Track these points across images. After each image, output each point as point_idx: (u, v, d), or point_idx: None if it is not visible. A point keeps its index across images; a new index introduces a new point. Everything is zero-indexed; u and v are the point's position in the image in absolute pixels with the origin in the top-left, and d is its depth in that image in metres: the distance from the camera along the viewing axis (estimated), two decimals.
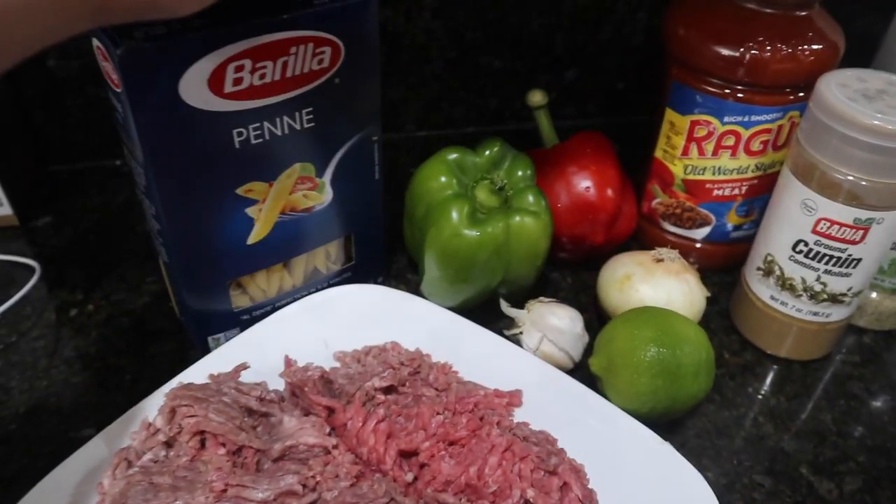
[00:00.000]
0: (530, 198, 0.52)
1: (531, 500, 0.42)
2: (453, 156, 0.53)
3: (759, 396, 0.53)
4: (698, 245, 0.61)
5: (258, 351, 0.50)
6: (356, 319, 0.53)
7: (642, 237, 0.63)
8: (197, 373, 0.48)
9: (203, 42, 0.40)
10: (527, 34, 0.73)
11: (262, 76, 0.43)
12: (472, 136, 0.53)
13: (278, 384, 0.48)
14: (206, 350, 0.52)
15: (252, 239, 0.49)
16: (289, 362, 0.49)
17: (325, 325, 0.52)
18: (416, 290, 0.56)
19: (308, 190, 0.50)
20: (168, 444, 0.44)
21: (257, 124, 0.45)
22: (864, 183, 0.46)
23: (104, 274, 0.61)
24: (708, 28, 0.53)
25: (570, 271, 0.62)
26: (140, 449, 0.44)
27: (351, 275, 0.57)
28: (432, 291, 0.54)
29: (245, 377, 0.48)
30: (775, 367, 0.56)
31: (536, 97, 0.61)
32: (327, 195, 0.51)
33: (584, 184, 0.57)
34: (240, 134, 0.45)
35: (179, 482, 0.42)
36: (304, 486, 0.42)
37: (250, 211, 0.48)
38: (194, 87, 0.41)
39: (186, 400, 0.44)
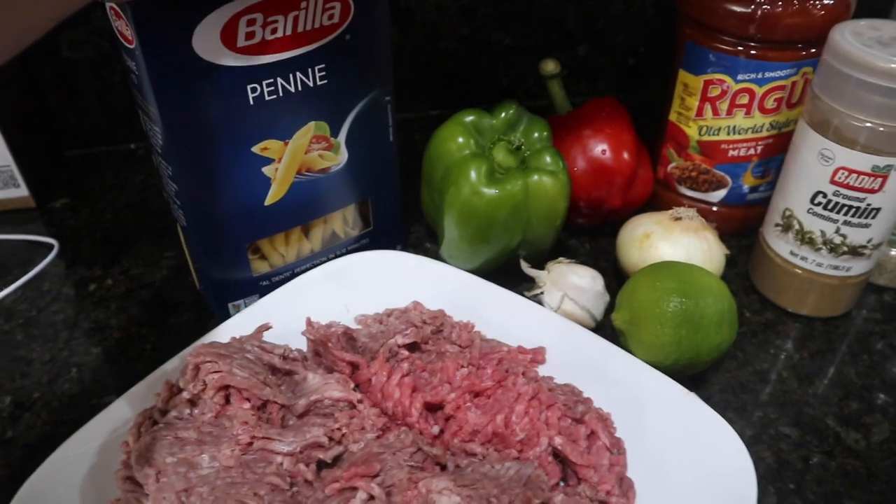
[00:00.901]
0: (547, 158, 0.52)
1: (559, 447, 0.42)
2: (470, 118, 0.53)
3: (782, 353, 0.53)
4: (715, 208, 0.61)
5: (279, 315, 0.50)
6: (377, 284, 0.53)
7: (659, 203, 0.63)
8: (218, 336, 0.48)
9: None
10: (538, 10, 0.73)
11: (274, 31, 0.44)
12: None
13: (300, 347, 0.48)
14: (226, 317, 0.52)
15: (269, 200, 0.49)
16: (310, 322, 0.49)
17: (345, 291, 0.52)
18: (434, 258, 0.56)
19: (323, 150, 0.50)
20: (192, 403, 0.44)
21: (271, 80, 0.45)
22: (881, 129, 0.46)
23: (122, 251, 0.62)
24: None
25: (589, 237, 0.62)
26: (164, 408, 0.44)
27: (369, 241, 0.57)
28: (452, 254, 0.54)
29: (267, 339, 0.48)
30: (796, 324, 0.55)
31: (549, 66, 0.62)
32: (343, 155, 0.51)
33: (599, 147, 0.57)
34: (254, 90, 0.45)
35: (205, 437, 0.42)
36: (331, 438, 0.42)
37: (266, 170, 0.48)
38: (207, 41, 0.42)
39: (210, 357, 0.44)
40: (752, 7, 0.52)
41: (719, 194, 0.60)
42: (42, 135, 0.71)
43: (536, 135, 0.53)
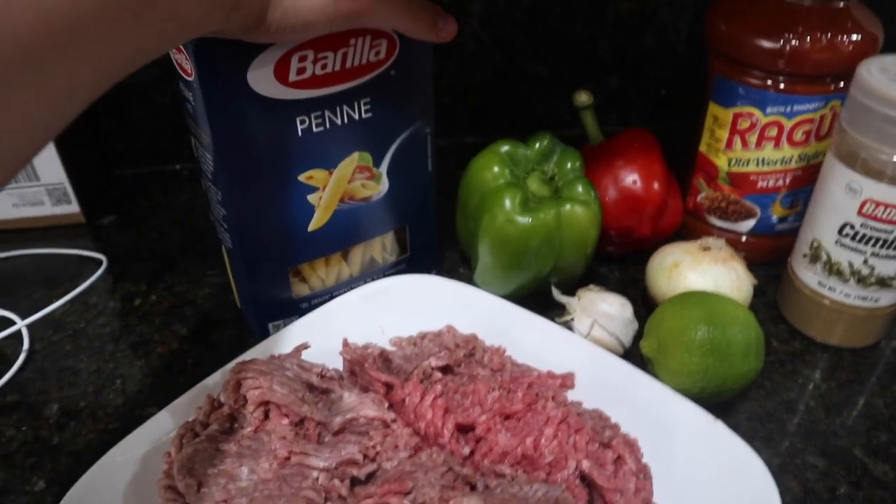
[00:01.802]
0: (580, 188, 0.54)
1: (586, 471, 0.43)
2: (505, 148, 0.55)
3: (810, 383, 0.54)
4: (744, 238, 0.62)
5: (317, 335, 0.51)
6: (411, 307, 0.54)
7: (688, 232, 0.64)
8: (258, 353, 0.50)
9: None
10: (572, 42, 0.75)
11: (324, 66, 0.46)
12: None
13: (336, 366, 0.50)
14: (266, 336, 0.54)
15: (313, 226, 0.51)
16: (347, 342, 0.51)
17: (381, 313, 0.54)
18: (468, 283, 0.58)
19: (366, 179, 0.52)
20: (232, 417, 0.46)
21: (319, 113, 0.47)
22: None
23: (167, 268, 0.64)
24: (749, 22, 0.55)
25: (618, 266, 0.63)
26: (205, 421, 0.46)
27: (405, 266, 0.59)
28: (486, 279, 0.56)
29: (305, 358, 0.50)
30: (825, 354, 0.56)
31: (582, 97, 0.63)
32: (384, 185, 0.53)
33: (630, 177, 0.58)
34: (302, 122, 0.47)
35: (244, 450, 0.43)
36: (365, 455, 0.43)
37: (311, 198, 0.50)
38: (262, 76, 0.44)
39: (251, 373, 0.46)
40: (781, 42, 0.53)
41: (748, 224, 0.61)
42: (94, 154, 0.74)
43: (569, 165, 0.55)
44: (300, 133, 0.47)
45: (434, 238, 0.59)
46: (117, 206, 0.72)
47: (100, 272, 0.60)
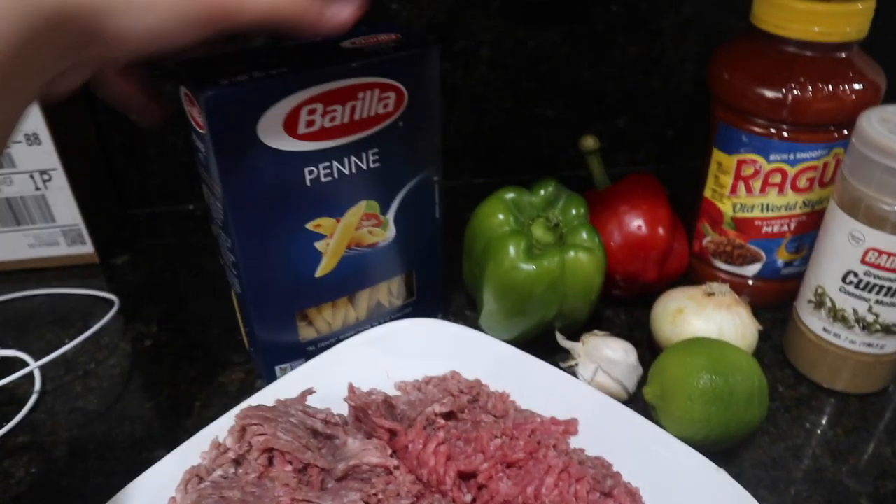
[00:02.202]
0: (584, 234, 0.54)
1: None
2: (510, 195, 0.56)
3: (816, 429, 0.53)
4: (750, 282, 0.62)
5: (322, 380, 0.52)
6: (417, 352, 0.55)
7: (694, 275, 0.65)
8: (264, 398, 0.50)
9: (280, 87, 0.44)
10: (579, 85, 0.76)
11: (333, 119, 0.47)
12: (526, 184, 0.57)
13: (341, 411, 0.50)
14: (273, 379, 0.55)
15: (320, 272, 0.52)
16: (352, 388, 0.51)
17: (386, 357, 0.55)
18: (474, 326, 0.58)
19: (373, 226, 0.53)
20: (237, 462, 0.46)
21: (327, 163, 0.48)
22: None
23: (177, 308, 0.65)
24: (752, 71, 0.55)
25: (624, 309, 0.64)
26: (210, 466, 0.46)
27: (412, 310, 0.59)
28: (490, 325, 0.56)
29: (310, 403, 0.50)
30: (831, 400, 0.56)
31: (589, 142, 0.64)
32: (391, 232, 0.54)
33: (635, 222, 0.59)
34: (311, 172, 0.48)
35: (248, 496, 0.44)
36: (367, 503, 0.43)
37: (319, 245, 0.51)
38: (271, 129, 0.45)
39: (256, 419, 0.46)
40: (784, 92, 0.53)
41: (754, 269, 0.61)
42: (109, 195, 0.75)
43: (574, 211, 0.56)
44: (308, 183, 0.48)
45: (440, 281, 0.60)
46: (130, 246, 0.73)
47: (112, 313, 0.61)
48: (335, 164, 0.49)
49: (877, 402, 0.56)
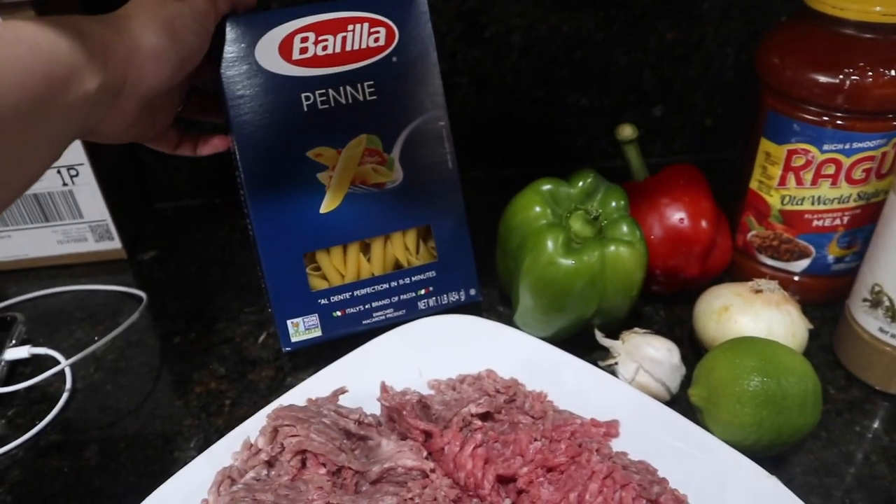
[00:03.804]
0: (625, 228, 0.52)
1: None
2: (547, 186, 0.54)
3: (870, 434, 0.51)
4: (797, 278, 0.60)
5: (353, 377, 0.51)
6: (450, 349, 0.53)
7: (737, 271, 0.62)
8: (295, 397, 0.49)
9: (272, 17, 0.50)
10: (613, 72, 0.73)
11: (325, 48, 0.51)
12: (559, 175, 0.54)
13: (374, 410, 0.49)
14: (286, 335, 0.54)
15: (325, 208, 0.53)
16: (385, 388, 0.50)
17: (419, 354, 0.53)
18: (508, 322, 0.56)
19: (377, 164, 0.53)
20: (269, 464, 0.45)
21: (323, 90, 0.52)
22: None
23: (205, 305, 0.64)
24: (804, 56, 0.52)
25: (664, 305, 0.61)
26: (242, 468, 0.45)
27: (435, 275, 0.56)
28: (526, 321, 0.54)
29: (342, 403, 0.49)
30: (885, 403, 0.53)
31: (626, 131, 0.61)
32: (398, 173, 0.54)
33: (677, 215, 0.56)
34: (307, 98, 0.51)
35: (281, 500, 0.42)
36: None
37: (321, 176, 0.52)
38: (268, 53, 0.50)
39: (288, 420, 0.45)
40: (840, 78, 0.51)
41: (802, 264, 0.59)
42: (136, 191, 0.75)
43: (614, 204, 0.53)
44: (306, 108, 0.51)
45: (465, 247, 0.57)
46: (157, 241, 0.72)
47: (140, 310, 0.60)
48: (331, 91, 0.51)
49: None
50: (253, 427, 0.47)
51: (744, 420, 0.45)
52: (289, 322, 0.54)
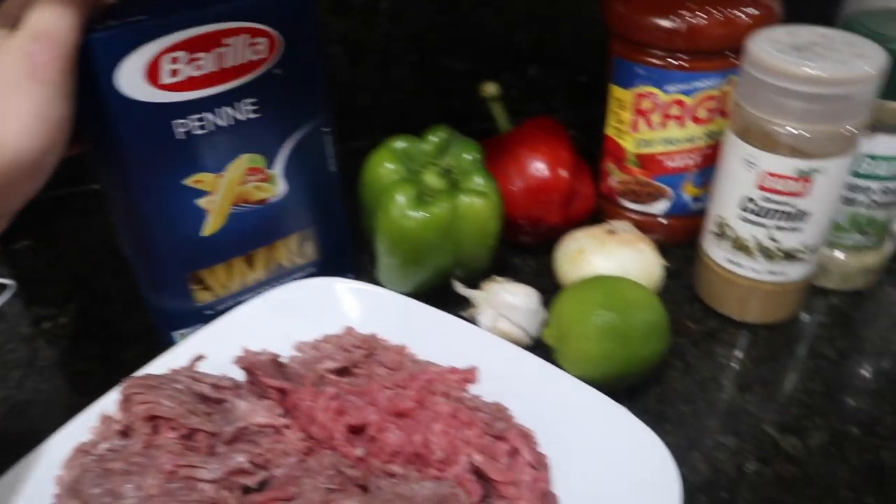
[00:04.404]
0: (477, 179, 0.53)
1: (478, 465, 0.42)
2: (400, 144, 0.54)
3: (724, 362, 0.53)
4: (663, 221, 0.61)
5: (220, 346, 0.50)
6: (316, 312, 0.53)
7: (604, 217, 0.63)
8: (156, 368, 0.49)
9: (135, 35, 0.42)
10: (486, 34, 0.74)
11: (199, 67, 0.45)
12: None
13: (240, 376, 0.49)
14: (171, 346, 0.53)
15: (206, 231, 0.50)
16: (245, 351, 0.49)
17: (286, 319, 0.53)
18: (378, 283, 0.57)
19: (259, 181, 0.51)
20: (124, 434, 0.45)
21: (199, 115, 0.46)
22: (802, 133, 0.46)
23: (78, 289, 0.63)
24: (643, 2, 0.54)
25: (533, 255, 0.62)
26: (97, 440, 0.45)
27: (316, 270, 0.57)
28: (388, 278, 0.55)
29: (208, 370, 0.49)
30: (740, 332, 0.55)
31: (490, 89, 0.62)
32: (280, 187, 0.52)
33: (536, 165, 0.57)
34: (182, 125, 0.46)
35: (132, 467, 0.42)
36: (254, 464, 0.42)
37: (201, 202, 0.49)
38: (131, 79, 0.43)
39: (139, 388, 0.45)
40: (678, 21, 0.52)
41: (662, 206, 0.60)
42: None
43: (468, 156, 0.54)
44: (181, 136, 0.46)
45: (345, 240, 0.58)
46: (32, 230, 0.71)
47: (7, 297, 0.59)
48: (207, 115, 0.46)
49: (786, 330, 0.55)
50: (112, 401, 0.47)
51: (591, 354, 0.47)
52: (176, 334, 0.54)
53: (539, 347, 0.52)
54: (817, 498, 0.44)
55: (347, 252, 0.59)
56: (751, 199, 0.50)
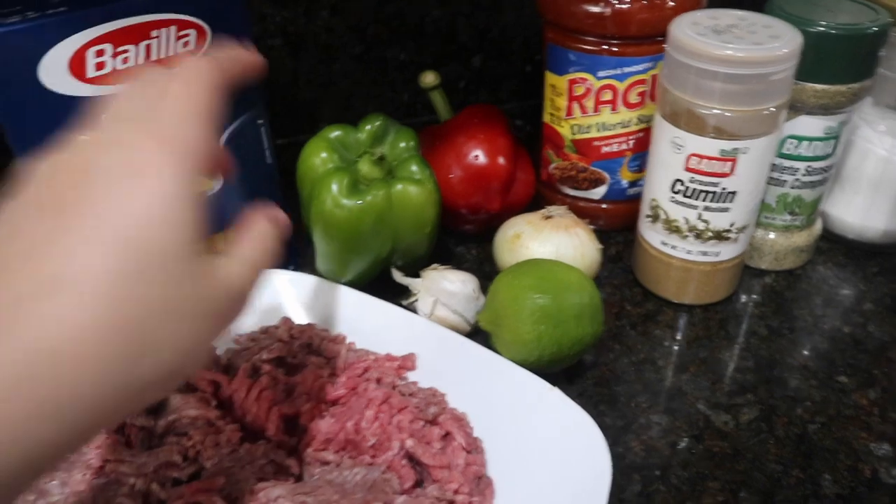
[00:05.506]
0: (413, 167, 0.53)
1: (411, 450, 0.42)
2: (335, 133, 0.54)
3: (661, 343, 0.54)
4: (602, 206, 0.62)
5: None
6: (256, 305, 0.53)
7: (545, 204, 0.64)
8: None
9: (58, 28, 0.41)
10: (428, 25, 0.74)
11: (126, 60, 0.44)
12: None
13: None
14: None
15: None
16: None
17: None
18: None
19: None
20: None
21: None
22: (724, 114, 0.47)
23: None
24: None
25: (476, 244, 0.63)
26: None
27: None
28: (327, 268, 0.55)
29: None
30: (676, 313, 0.56)
31: (428, 78, 0.63)
32: (216, 180, 0.52)
33: (473, 153, 0.58)
34: None
35: (59, 464, 0.42)
36: (185, 456, 0.42)
37: None
38: (55, 73, 0.42)
39: None
40: (605, 6, 0.53)
41: (600, 191, 0.61)
42: None
43: (403, 144, 0.54)
44: None
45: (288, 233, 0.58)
46: None
47: None
48: None
49: (720, 310, 0.56)
50: None
51: (524, 337, 0.47)
52: None
53: (478, 333, 0.53)
54: (746, 471, 0.45)
55: (288, 244, 0.58)
56: (680, 181, 0.51)
